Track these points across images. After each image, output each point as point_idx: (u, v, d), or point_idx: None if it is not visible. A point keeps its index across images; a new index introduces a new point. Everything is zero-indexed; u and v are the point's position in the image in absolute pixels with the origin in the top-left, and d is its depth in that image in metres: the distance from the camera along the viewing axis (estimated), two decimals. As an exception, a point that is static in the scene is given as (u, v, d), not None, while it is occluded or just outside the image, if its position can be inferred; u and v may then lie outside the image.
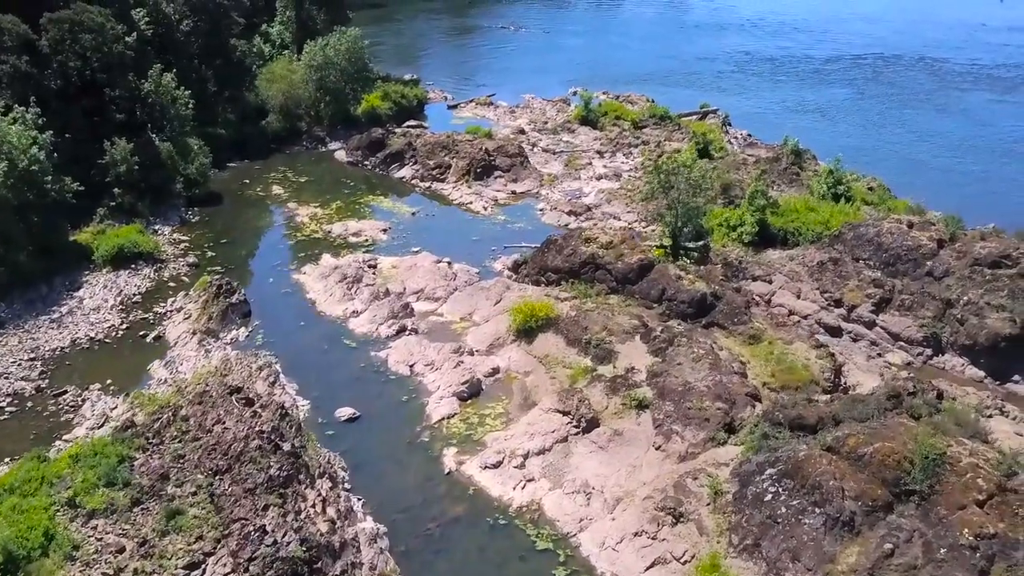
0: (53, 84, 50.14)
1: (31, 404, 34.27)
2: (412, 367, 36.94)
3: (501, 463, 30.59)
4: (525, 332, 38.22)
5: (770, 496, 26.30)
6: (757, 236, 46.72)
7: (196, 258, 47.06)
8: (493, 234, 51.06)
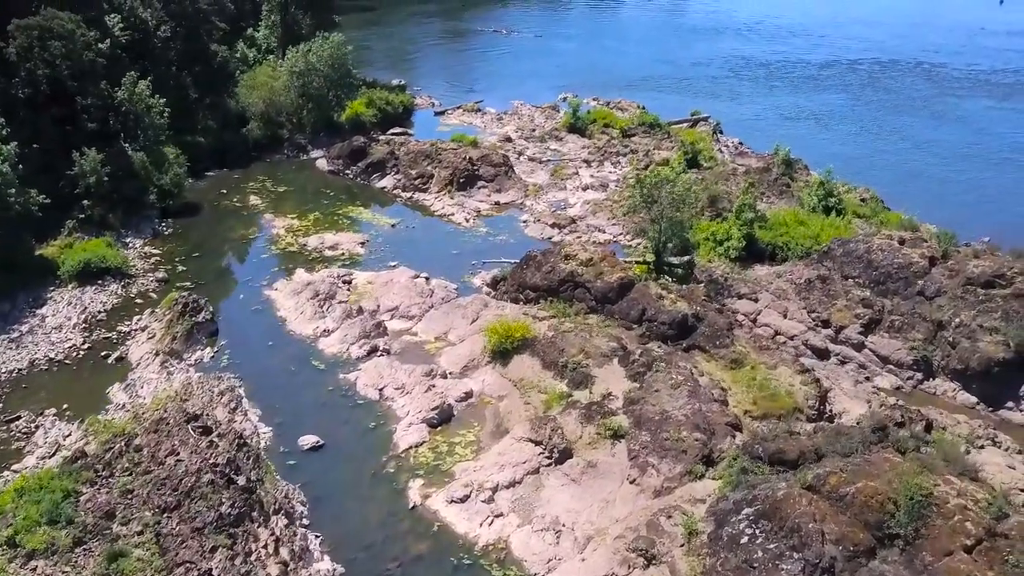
0: (21, 93, 48.74)
1: (-19, 431, 32.90)
2: (382, 391, 35.51)
3: (468, 497, 29.17)
4: (500, 354, 36.81)
5: (746, 538, 24.87)
6: (744, 251, 45.31)
7: (166, 273, 45.63)
8: (474, 247, 49.64)
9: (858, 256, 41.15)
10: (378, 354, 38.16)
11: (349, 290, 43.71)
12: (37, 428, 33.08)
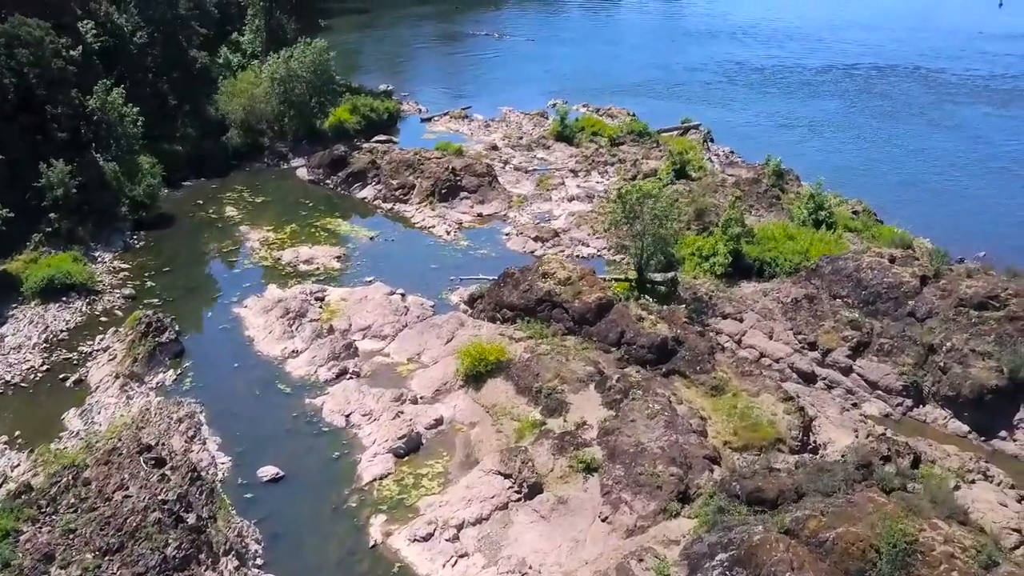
0: (-13, 102, 47.43)
1: (-72, 461, 31.45)
2: (348, 417, 34.06)
3: (432, 535, 27.72)
4: (474, 377, 35.38)
5: (720, 586, 23.45)
6: (730, 267, 43.84)
7: (134, 289, 44.15)
8: (454, 262, 48.18)
9: (847, 274, 39.71)
10: (347, 377, 36.71)
11: (321, 307, 42.25)
12: (-15, 457, 31.69)
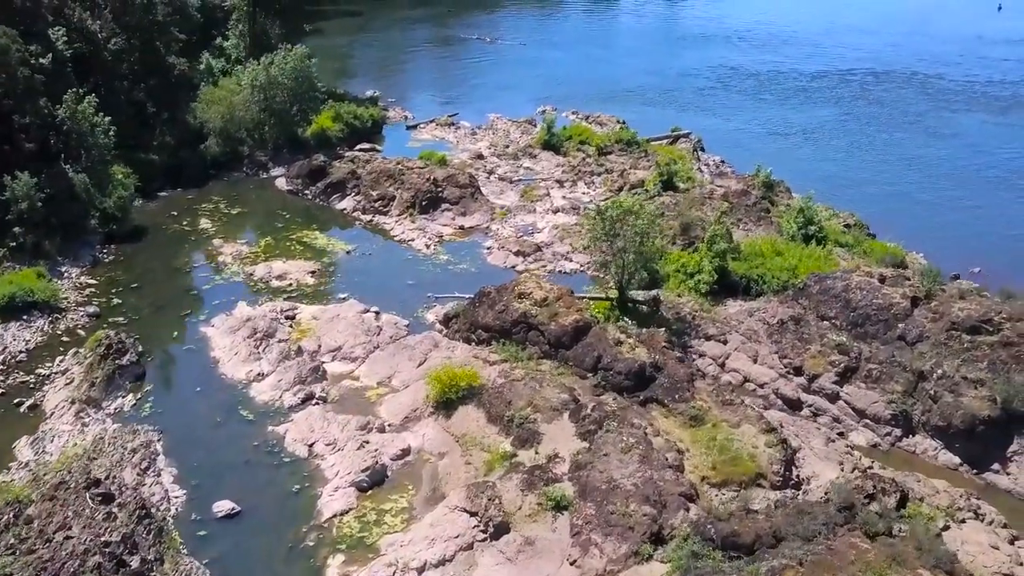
0: (-50, 112, 46.00)
1: None
2: (311, 447, 32.59)
3: (391, 578, 26.29)
4: (444, 404, 33.91)
5: (690, 643, 21.99)
6: (716, 284, 42.36)
7: (99, 307, 42.61)
8: (432, 277, 46.70)
9: (835, 295, 38.25)
10: (313, 402, 35.24)
11: (292, 327, 40.78)
12: (-72, 491, 30.16)
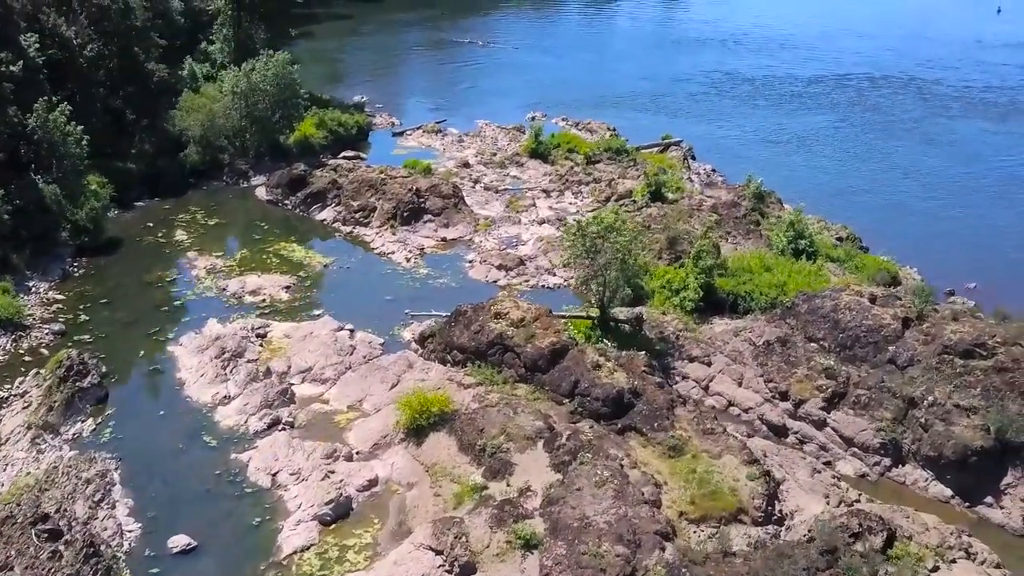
0: (-86, 122, 44.68)
1: None
2: (275, 476, 31.19)
3: (350, 621, 24.95)
4: (415, 431, 32.54)
5: None
6: (702, 302, 41.06)
7: (66, 324, 41.26)
8: (411, 292, 45.33)
9: (824, 315, 36.91)
10: (279, 428, 33.86)
11: (262, 345, 39.44)
12: None
